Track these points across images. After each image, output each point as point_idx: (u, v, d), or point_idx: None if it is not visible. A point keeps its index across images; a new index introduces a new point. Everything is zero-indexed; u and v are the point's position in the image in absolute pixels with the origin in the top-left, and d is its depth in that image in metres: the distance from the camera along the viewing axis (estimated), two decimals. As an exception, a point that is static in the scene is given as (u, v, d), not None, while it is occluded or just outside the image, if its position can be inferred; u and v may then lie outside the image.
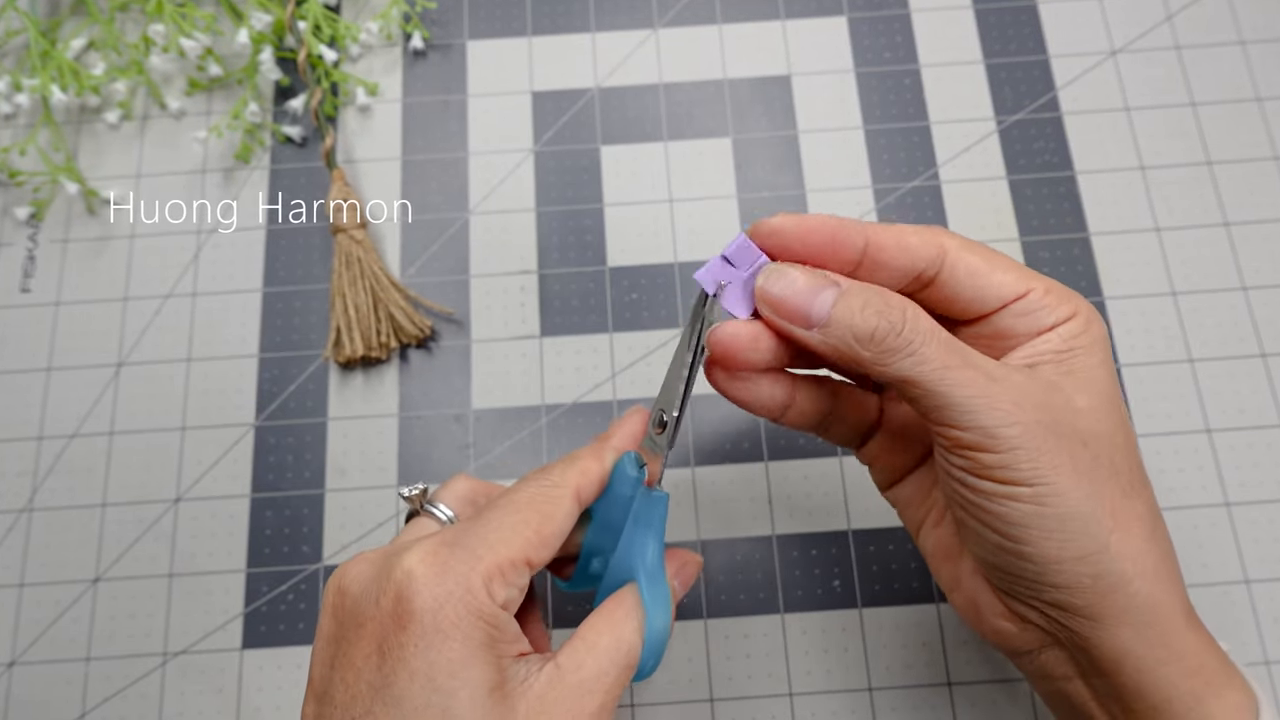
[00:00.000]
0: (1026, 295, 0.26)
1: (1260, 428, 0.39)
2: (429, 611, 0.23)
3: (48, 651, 0.37)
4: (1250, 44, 0.45)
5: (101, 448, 0.40)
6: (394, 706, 0.23)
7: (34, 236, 0.43)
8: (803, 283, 0.25)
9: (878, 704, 0.36)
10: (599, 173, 0.43)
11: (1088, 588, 0.24)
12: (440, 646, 0.23)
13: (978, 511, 0.25)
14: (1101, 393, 0.25)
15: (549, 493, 0.27)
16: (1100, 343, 0.26)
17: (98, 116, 0.45)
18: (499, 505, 0.26)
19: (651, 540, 0.27)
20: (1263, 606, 0.37)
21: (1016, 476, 0.24)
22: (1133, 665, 0.25)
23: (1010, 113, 0.44)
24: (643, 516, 0.27)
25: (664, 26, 0.46)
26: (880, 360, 0.24)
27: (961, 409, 0.24)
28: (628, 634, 0.26)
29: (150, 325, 0.42)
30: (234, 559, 0.38)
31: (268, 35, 0.44)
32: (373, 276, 0.41)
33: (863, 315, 0.25)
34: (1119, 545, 0.24)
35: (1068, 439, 0.24)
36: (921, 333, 0.24)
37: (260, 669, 0.37)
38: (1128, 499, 0.25)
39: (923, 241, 0.26)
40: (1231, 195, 0.42)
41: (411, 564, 0.24)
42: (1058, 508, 0.24)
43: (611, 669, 0.25)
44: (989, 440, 0.24)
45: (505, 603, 0.25)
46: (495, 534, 0.25)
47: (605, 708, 0.25)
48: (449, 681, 0.23)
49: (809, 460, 0.39)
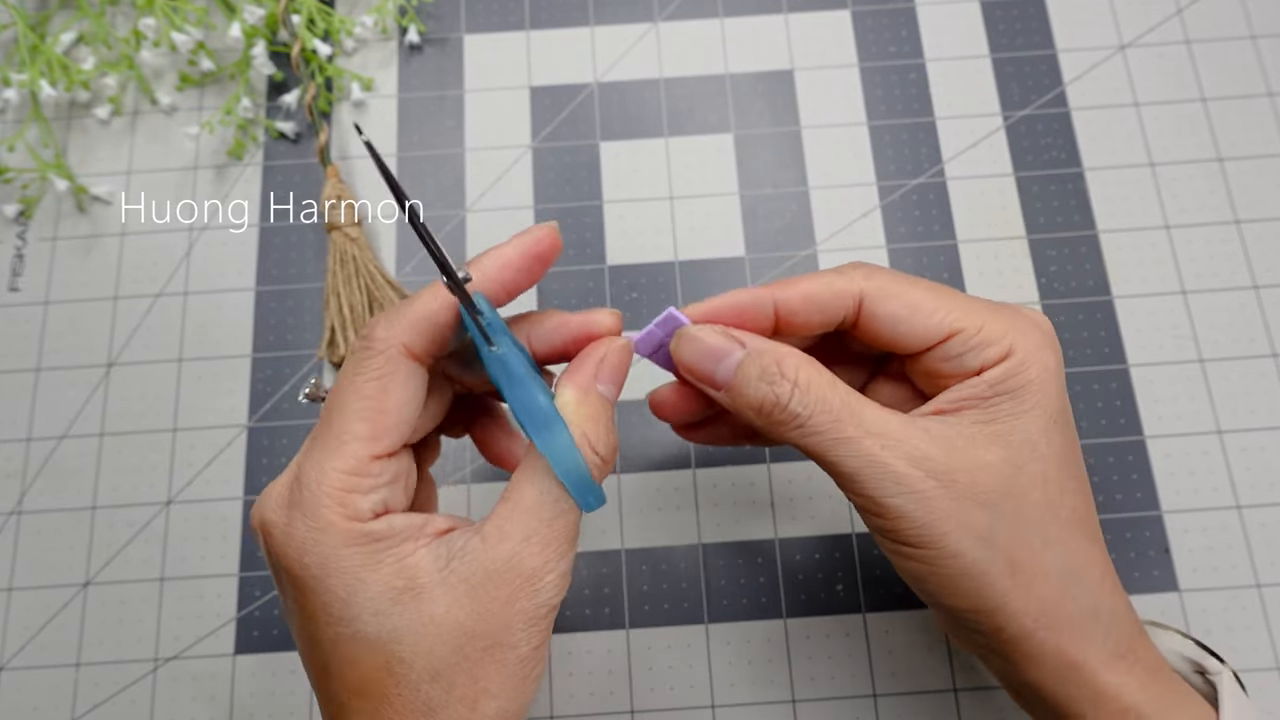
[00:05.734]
0: (951, 338, 0.25)
1: (1273, 429, 0.38)
2: (296, 564, 0.23)
3: (36, 657, 0.37)
4: (1261, 38, 0.44)
5: (91, 449, 0.39)
6: (317, 644, 0.24)
7: (23, 234, 0.42)
8: (707, 346, 0.26)
9: (882, 710, 0.35)
10: (598, 169, 0.43)
11: (993, 633, 0.25)
12: (321, 584, 0.23)
13: (890, 559, 0.26)
14: (1020, 443, 0.24)
15: (369, 366, 0.24)
16: (1035, 385, 0.25)
17: (88, 112, 0.44)
18: (329, 405, 0.25)
19: (517, 393, 0.25)
20: (1274, 611, 0.36)
21: (905, 539, 0.24)
22: (1048, 699, 0.25)
23: (1017, 108, 0.43)
24: (500, 380, 0.25)
25: (665, 20, 0.45)
26: (771, 430, 0.25)
27: (852, 478, 0.24)
28: (545, 487, 0.24)
29: (141, 324, 0.41)
30: (226, 563, 0.38)
31: (261, 29, 0.43)
32: (368, 275, 0.40)
33: (755, 385, 0.25)
34: (1017, 603, 0.24)
35: (963, 502, 0.24)
36: (809, 404, 0.24)
37: (253, 675, 0.36)
38: (1035, 556, 0.24)
39: (835, 294, 0.26)
40: (1243, 192, 0.42)
41: (267, 514, 0.24)
42: (947, 569, 0.24)
43: (540, 524, 0.24)
44: (877, 508, 0.24)
45: (376, 507, 0.24)
46: (324, 450, 0.24)
47: (547, 562, 0.24)
48: (344, 611, 0.23)
49: (811, 464, 0.38)
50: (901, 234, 0.41)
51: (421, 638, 0.23)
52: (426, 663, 0.23)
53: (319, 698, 0.25)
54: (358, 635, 0.23)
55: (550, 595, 0.24)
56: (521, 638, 0.23)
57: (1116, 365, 0.39)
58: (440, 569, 0.23)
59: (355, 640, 0.23)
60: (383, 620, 0.23)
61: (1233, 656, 0.36)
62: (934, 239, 0.41)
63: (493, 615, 0.23)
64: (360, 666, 0.23)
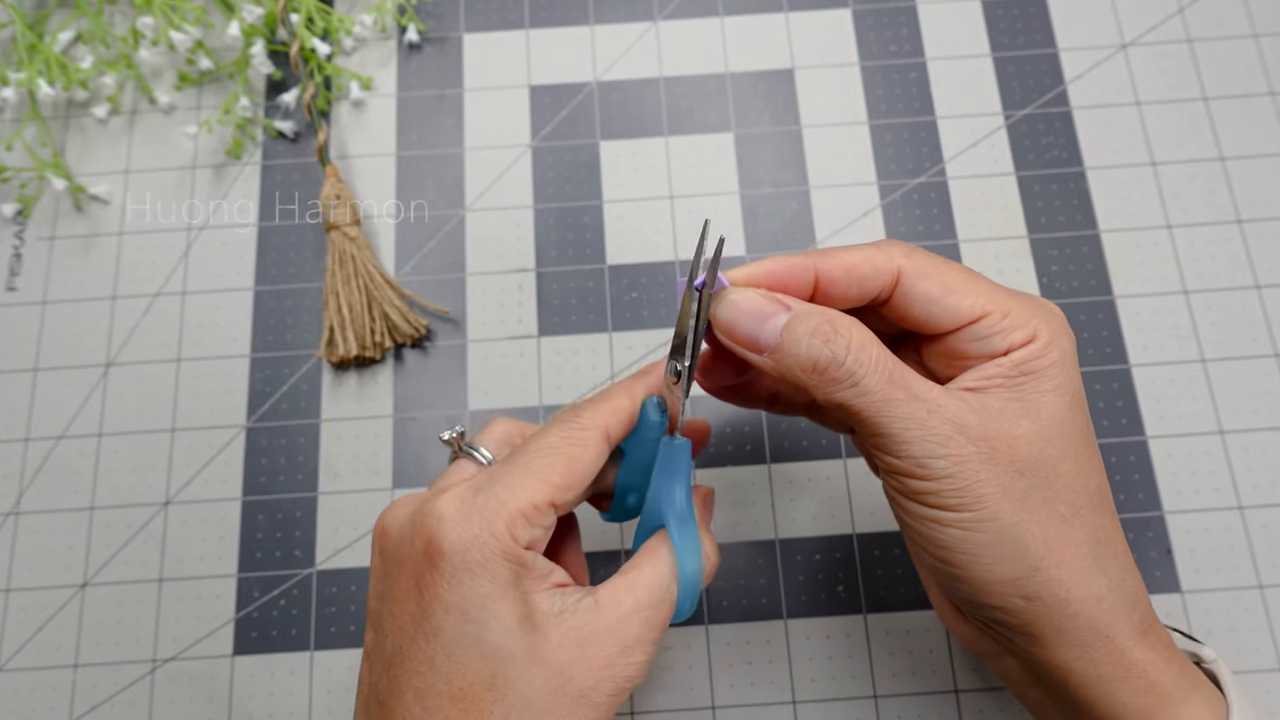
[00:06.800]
0: (980, 320, 0.26)
1: (1274, 429, 0.38)
2: (457, 552, 0.25)
3: (34, 658, 0.37)
4: (1263, 37, 0.44)
5: (89, 450, 0.39)
6: (434, 635, 0.25)
7: (20, 234, 0.42)
8: (753, 306, 0.26)
9: (883, 712, 0.35)
10: (598, 168, 0.43)
11: (1021, 609, 0.25)
12: (469, 583, 0.25)
13: (913, 533, 0.26)
14: (1049, 418, 0.25)
15: (577, 435, 0.27)
16: (1057, 367, 0.26)
17: (86, 111, 0.44)
18: (527, 449, 0.27)
19: (679, 486, 0.28)
20: (1276, 612, 0.36)
21: (944, 502, 0.25)
22: (1077, 681, 0.25)
23: (1018, 107, 0.43)
24: (667, 464, 0.28)
25: (665, 19, 0.45)
26: (823, 388, 0.25)
27: (897, 439, 0.24)
28: (663, 573, 0.27)
29: (139, 324, 0.41)
30: (225, 563, 0.38)
31: (259, 28, 0.43)
32: (367, 275, 0.40)
33: (809, 343, 0.25)
34: (1052, 570, 0.25)
35: (1002, 467, 0.24)
36: (865, 363, 0.25)
37: (252, 676, 0.36)
38: (1066, 525, 0.25)
39: (875, 269, 0.27)
40: (1245, 191, 0.41)
41: (442, 509, 0.26)
42: (984, 533, 0.24)
43: (649, 604, 0.26)
44: (919, 469, 0.25)
45: (530, 543, 0.26)
46: (520, 479, 0.26)
47: (642, 641, 0.26)
48: (480, 613, 0.25)
49: (812, 463, 0.38)
50: (902, 233, 0.41)
51: (529, 665, 0.24)
52: (526, 690, 0.24)
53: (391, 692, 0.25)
54: (481, 640, 0.25)
55: (636, 671, 0.26)
56: (603, 700, 0.25)
57: (1118, 365, 0.39)
58: (555, 614, 0.25)
59: (478, 645, 0.25)
60: (506, 636, 0.25)
61: (1235, 657, 0.36)
62: (935, 238, 0.41)
63: (590, 670, 0.25)
64: (468, 674, 0.24)
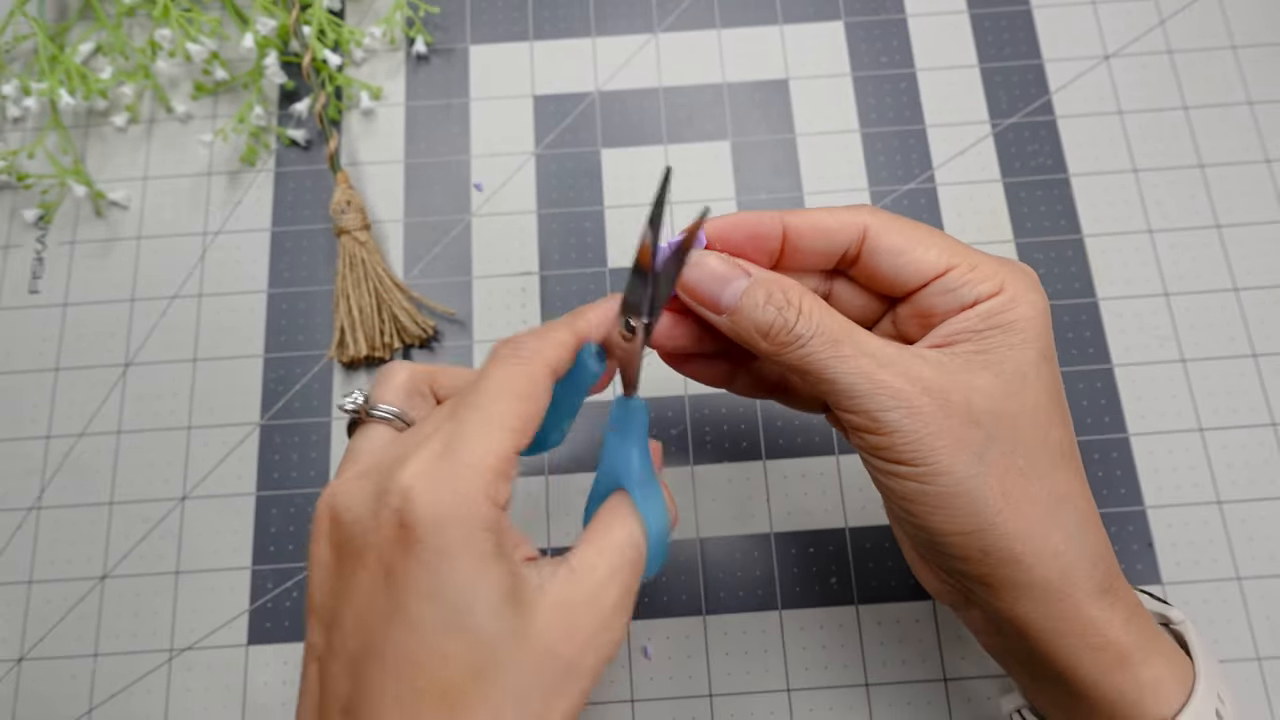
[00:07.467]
0: (947, 273, 0.26)
1: (1252, 427, 0.39)
2: (433, 532, 0.22)
3: (56, 647, 0.38)
4: (1241, 48, 0.45)
5: (109, 446, 0.40)
6: (413, 628, 0.22)
7: (42, 238, 0.44)
8: (718, 269, 0.27)
9: (874, 699, 0.37)
10: (599, 175, 0.44)
11: (979, 560, 0.25)
12: (451, 565, 0.22)
13: (881, 487, 0.26)
14: (1012, 372, 0.25)
15: (524, 371, 0.25)
16: (1025, 321, 0.26)
17: (105, 120, 0.45)
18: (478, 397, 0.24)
19: (634, 449, 0.27)
20: (1254, 603, 0.37)
21: (899, 456, 0.25)
22: (1034, 634, 0.26)
23: (1005, 116, 0.44)
24: (622, 426, 0.27)
25: (664, 31, 0.46)
26: (774, 351, 0.26)
27: (848, 394, 0.25)
28: (634, 532, 0.26)
29: (157, 326, 0.42)
30: (239, 556, 0.39)
31: (273, 40, 0.44)
32: (376, 278, 0.41)
33: (763, 309, 0.26)
34: (1009, 524, 0.25)
35: (957, 420, 0.24)
36: (813, 326, 0.25)
37: (266, 665, 0.38)
38: (1024, 480, 0.25)
39: (840, 224, 0.27)
40: (1223, 198, 0.43)
41: (407, 484, 0.23)
42: (940, 485, 0.25)
43: (623, 566, 0.25)
44: (873, 423, 0.25)
45: (505, 502, 0.24)
46: (482, 430, 0.24)
47: (622, 605, 0.24)
48: (464, 597, 0.22)
49: (806, 459, 0.40)
50: (893, 238, 0.42)
51: (518, 648, 0.22)
52: (517, 678, 0.22)
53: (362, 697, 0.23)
54: (466, 628, 0.22)
55: (619, 635, 0.24)
56: (588, 671, 0.23)
57: (1101, 365, 0.41)
58: (537, 587, 0.23)
59: (463, 633, 0.22)
60: (492, 619, 0.22)
61: (1215, 647, 0.37)
62: (925, 243, 0.42)
63: (576, 643, 0.23)
64: (453, 666, 0.22)
